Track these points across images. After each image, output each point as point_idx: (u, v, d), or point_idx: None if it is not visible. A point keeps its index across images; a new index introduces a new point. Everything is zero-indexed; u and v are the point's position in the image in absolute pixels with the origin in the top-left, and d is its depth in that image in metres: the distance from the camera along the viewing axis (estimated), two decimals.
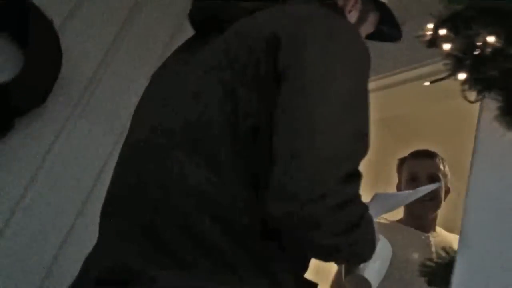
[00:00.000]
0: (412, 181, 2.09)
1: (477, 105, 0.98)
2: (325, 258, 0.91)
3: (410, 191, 1.17)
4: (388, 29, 1.22)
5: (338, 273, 2.12)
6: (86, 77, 2.17)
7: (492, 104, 0.84)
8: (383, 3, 1.18)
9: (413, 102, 2.62)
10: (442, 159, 2.17)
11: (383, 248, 1.11)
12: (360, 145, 0.82)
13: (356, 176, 0.80)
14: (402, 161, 2.22)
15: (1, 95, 1.90)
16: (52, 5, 2.08)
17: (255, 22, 0.92)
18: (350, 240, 0.82)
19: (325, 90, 0.81)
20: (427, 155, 2.16)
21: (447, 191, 2.14)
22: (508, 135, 0.81)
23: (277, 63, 0.84)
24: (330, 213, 0.75)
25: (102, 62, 2.23)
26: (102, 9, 2.26)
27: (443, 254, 0.91)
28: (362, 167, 0.81)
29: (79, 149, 2.13)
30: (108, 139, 2.19)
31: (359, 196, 0.82)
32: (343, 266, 1.16)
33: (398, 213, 2.14)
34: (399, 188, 2.19)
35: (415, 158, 2.17)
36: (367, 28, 1.18)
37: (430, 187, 1.28)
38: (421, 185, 1.97)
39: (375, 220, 1.09)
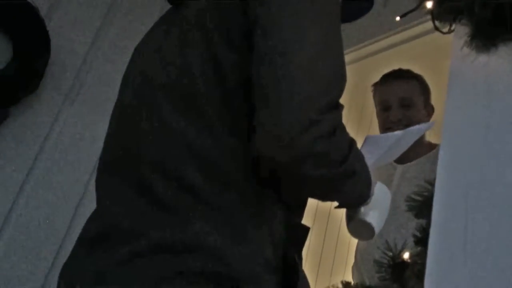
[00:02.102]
0: (384, 110, 1.89)
1: None
2: (322, 194, 0.92)
3: (401, 131, 1.14)
4: None
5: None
6: (76, 62, 2.19)
7: (462, 31, 0.85)
8: None
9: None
10: (418, 76, 1.92)
11: (381, 193, 1.11)
12: (338, 77, 0.84)
13: (337, 105, 0.82)
14: (375, 87, 2.00)
15: None
16: None
17: None
18: (343, 170, 0.83)
19: (299, 27, 0.83)
20: (398, 77, 1.90)
21: (430, 111, 1.91)
22: (479, 58, 0.82)
23: (247, 12, 0.87)
24: (319, 142, 0.77)
25: (91, 46, 2.25)
26: None
27: (428, 186, 0.92)
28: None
29: (76, 133, 2.15)
30: (104, 121, 2.21)
31: (344, 127, 0.84)
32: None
33: None
34: (377, 117, 2.00)
35: (385, 82, 1.93)
36: None
37: (424, 126, 1.20)
38: (393, 113, 1.84)
39: (373, 166, 1.11)
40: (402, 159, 1.85)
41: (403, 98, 1.85)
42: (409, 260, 0.92)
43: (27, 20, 2.03)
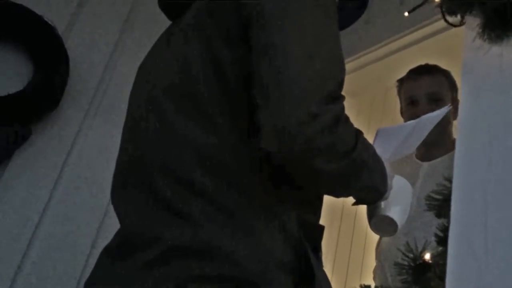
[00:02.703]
0: (412, 105, 1.84)
1: None
2: (334, 188, 0.91)
3: (415, 120, 1.11)
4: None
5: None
6: (95, 77, 2.21)
7: (473, 23, 0.82)
8: None
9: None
10: (445, 71, 1.88)
11: (401, 187, 1.08)
12: (336, 70, 0.83)
13: (338, 96, 0.81)
14: (400, 82, 1.97)
15: (16, 104, 1.96)
16: (54, 12, 2.13)
17: None
18: (351, 162, 0.82)
19: (293, 22, 0.83)
20: (425, 72, 1.85)
21: (458, 107, 1.91)
22: (492, 50, 0.80)
23: (241, 10, 0.87)
24: (321, 135, 0.77)
25: (109, 61, 2.27)
26: (104, 9, 2.30)
27: (448, 184, 0.90)
28: None
29: (98, 147, 2.17)
30: None
31: (347, 118, 0.83)
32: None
33: None
34: (401, 114, 1.97)
35: (412, 77, 1.89)
36: None
37: (440, 112, 1.15)
38: (422, 108, 1.77)
39: (390, 160, 1.08)
40: (427, 157, 1.82)
41: (432, 93, 1.81)
42: (430, 261, 0.90)
43: (46, 39, 2.06)
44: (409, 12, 0.95)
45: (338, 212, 2.75)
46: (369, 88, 3.14)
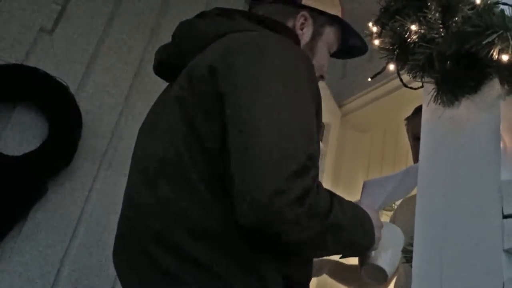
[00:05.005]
0: (418, 141, 1.88)
1: None
2: (311, 252, 0.96)
3: (402, 170, 1.14)
4: (352, 41, 1.27)
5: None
6: (107, 132, 2.31)
7: (429, 87, 0.87)
8: (337, 16, 1.22)
9: None
10: None
11: (393, 235, 1.11)
12: (303, 141, 0.87)
13: (307, 170, 0.85)
14: (408, 120, 2.01)
15: (33, 162, 2.06)
16: (66, 72, 2.25)
17: (201, 58, 1.03)
18: (325, 228, 0.87)
19: (262, 100, 0.88)
20: None
21: None
22: (445, 113, 0.84)
23: (217, 88, 0.93)
24: (289, 209, 0.81)
25: (120, 115, 2.36)
26: (114, 66, 2.41)
27: None
28: None
29: (112, 200, 2.24)
30: None
31: (316, 187, 0.87)
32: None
33: None
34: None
35: (418, 115, 1.97)
36: (329, 42, 1.22)
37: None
38: None
39: (381, 207, 1.11)
40: None
41: None
42: None
43: (59, 99, 2.18)
44: (371, 78, 1.01)
45: None
46: (380, 123, 3.15)
